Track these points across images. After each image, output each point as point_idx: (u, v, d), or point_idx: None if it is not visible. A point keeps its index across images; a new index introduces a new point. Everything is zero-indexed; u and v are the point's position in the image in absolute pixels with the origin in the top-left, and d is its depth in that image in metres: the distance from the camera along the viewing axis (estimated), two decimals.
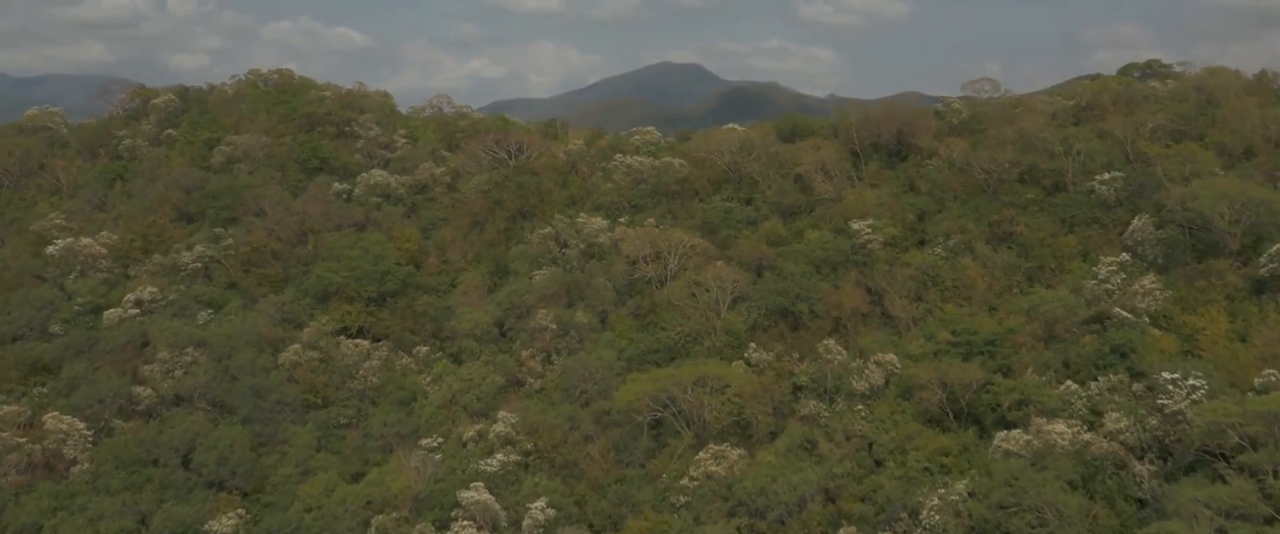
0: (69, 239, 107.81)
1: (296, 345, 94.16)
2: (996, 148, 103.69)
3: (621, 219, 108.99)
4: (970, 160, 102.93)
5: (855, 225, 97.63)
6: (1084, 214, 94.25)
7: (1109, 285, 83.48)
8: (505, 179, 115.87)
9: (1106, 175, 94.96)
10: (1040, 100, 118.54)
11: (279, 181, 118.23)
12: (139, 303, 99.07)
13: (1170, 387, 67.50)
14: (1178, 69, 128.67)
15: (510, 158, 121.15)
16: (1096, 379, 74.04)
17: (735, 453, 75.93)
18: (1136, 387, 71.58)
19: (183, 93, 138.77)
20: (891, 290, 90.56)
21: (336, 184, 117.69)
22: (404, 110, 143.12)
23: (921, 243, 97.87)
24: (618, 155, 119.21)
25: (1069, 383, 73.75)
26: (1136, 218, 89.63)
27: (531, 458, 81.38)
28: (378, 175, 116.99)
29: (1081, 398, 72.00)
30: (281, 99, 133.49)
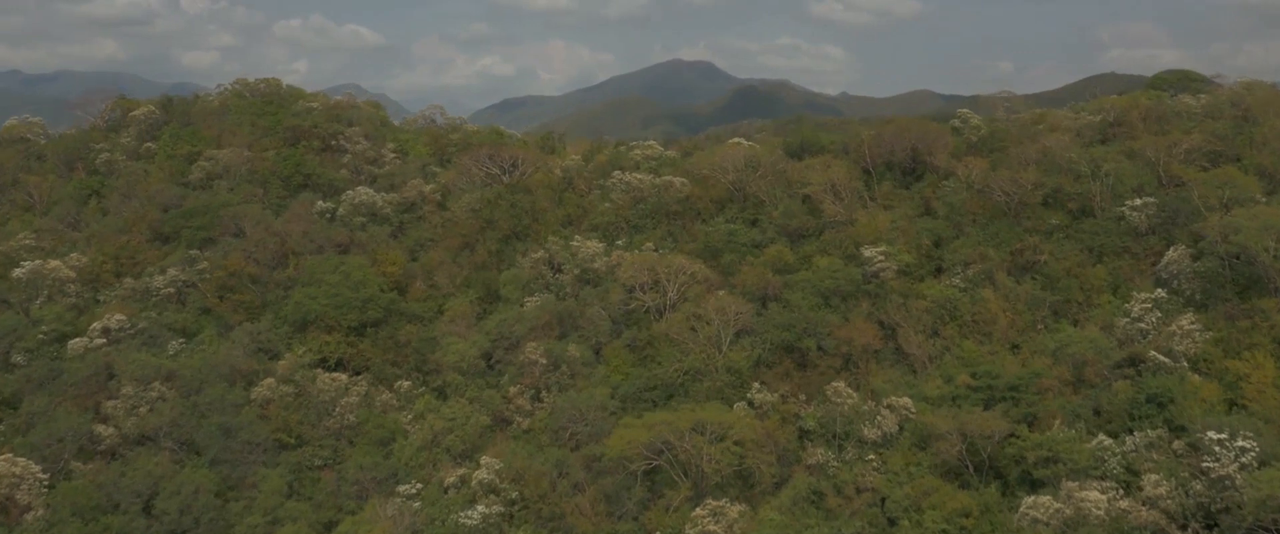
0: (37, 261, 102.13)
1: (270, 379, 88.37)
2: (1018, 168, 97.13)
3: (619, 241, 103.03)
4: (990, 181, 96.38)
5: (867, 252, 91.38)
6: (1113, 243, 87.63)
7: (1142, 324, 77.00)
8: (498, 197, 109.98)
9: (1138, 201, 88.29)
10: (1064, 116, 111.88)
11: (260, 199, 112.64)
12: (106, 331, 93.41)
13: (1216, 448, 60.93)
14: (1212, 77, 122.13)
15: (504, 174, 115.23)
16: (1132, 432, 67.53)
17: (735, 510, 69.66)
18: (1177, 444, 65.00)
19: (166, 103, 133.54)
20: (906, 325, 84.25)
21: (320, 202, 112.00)
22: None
23: (938, 271, 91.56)
24: (616, 172, 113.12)
25: (1102, 437, 67.22)
26: (1172, 249, 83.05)
27: (516, 508, 75.21)
28: (363, 193, 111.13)
29: (1115, 455, 65.53)
30: (267, 110, 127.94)
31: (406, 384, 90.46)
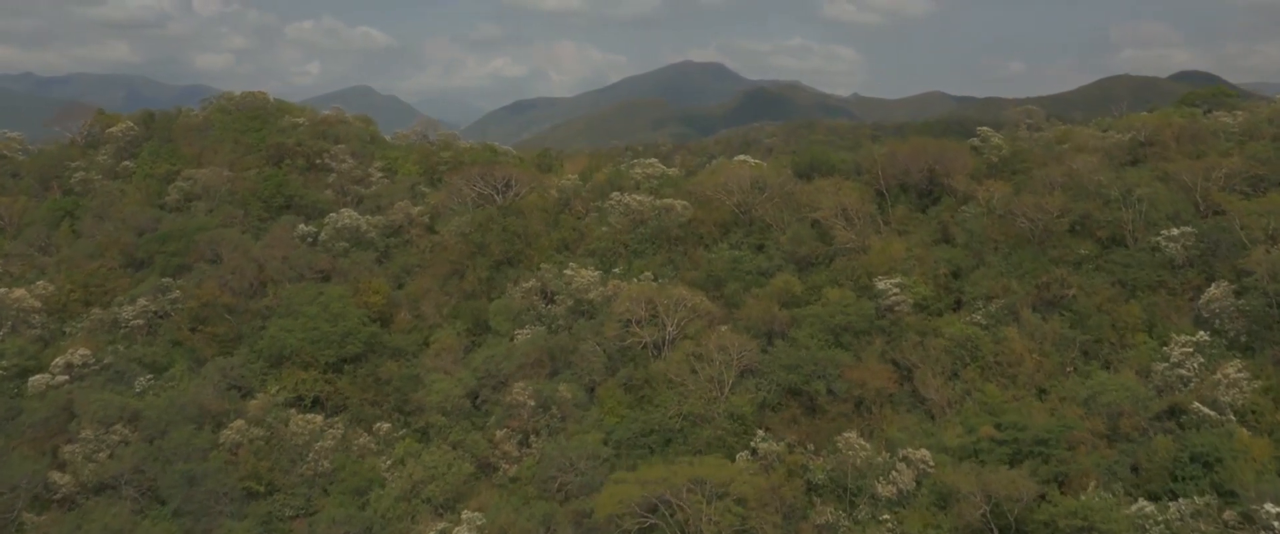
0: (1, 290, 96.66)
1: (240, 421, 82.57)
2: (1043, 192, 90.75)
3: (616, 269, 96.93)
4: (1012, 206, 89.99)
5: (881, 284, 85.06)
6: (1148, 276, 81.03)
7: (1183, 370, 70.38)
8: (489, 220, 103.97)
9: (1175, 231, 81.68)
10: (1090, 135, 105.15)
11: (239, 222, 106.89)
12: (69, 367, 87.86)
13: (1275, 523, 54.42)
14: (1244, 85, 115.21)
15: (497, 194, 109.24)
16: (1175, 497, 61.02)
17: None
18: (1228, 514, 58.51)
19: (147, 118, 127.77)
20: (923, 366, 77.85)
21: (302, 225, 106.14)
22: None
23: (957, 305, 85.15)
24: (615, 193, 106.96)
25: (1142, 502, 60.72)
26: (1213, 285, 76.43)
27: None
28: (347, 216, 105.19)
29: (1158, 523, 59.01)
30: (251, 126, 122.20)
31: (386, 426, 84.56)
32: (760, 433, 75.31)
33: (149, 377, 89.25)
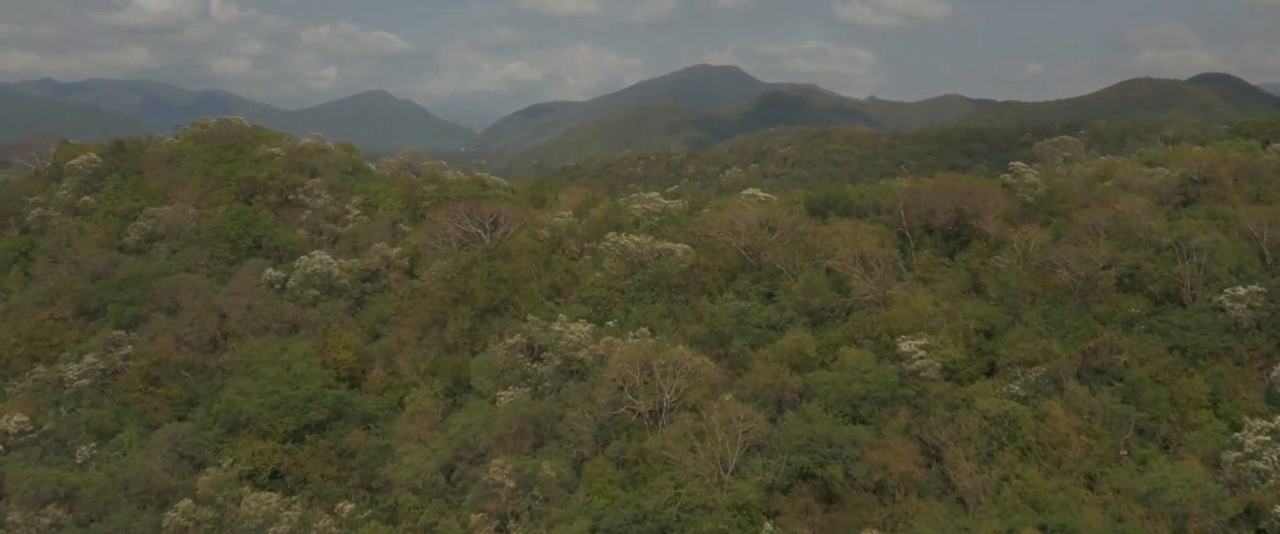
0: None
1: (187, 501, 73.88)
2: (1085, 239, 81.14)
3: (610, 321, 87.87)
4: (1051, 255, 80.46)
5: (904, 345, 75.66)
6: (1211, 341, 71.23)
7: (1260, 463, 60.61)
8: (474, 263, 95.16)
9: (1241, 289, 71.86)
10: (1136, 170, 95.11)
11: (204, 265, 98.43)
12: (4, 436, 79.63)
13: None
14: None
15: (484, 233, 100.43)
16: None
17: None
18: None
19: (115, 147, 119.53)
20: (953, 446, 68.29)
21: (270, 270, 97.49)
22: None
23: (990, 371, 75.57)
24: (611, 233, 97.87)
25: None
26: None
27: None
28: (319, 261, 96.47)
29: None
30: (223, 157, 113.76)
31: (350, 506, 75.58)
32: (768, 525, 66.07)
33: (93, 445, 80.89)
